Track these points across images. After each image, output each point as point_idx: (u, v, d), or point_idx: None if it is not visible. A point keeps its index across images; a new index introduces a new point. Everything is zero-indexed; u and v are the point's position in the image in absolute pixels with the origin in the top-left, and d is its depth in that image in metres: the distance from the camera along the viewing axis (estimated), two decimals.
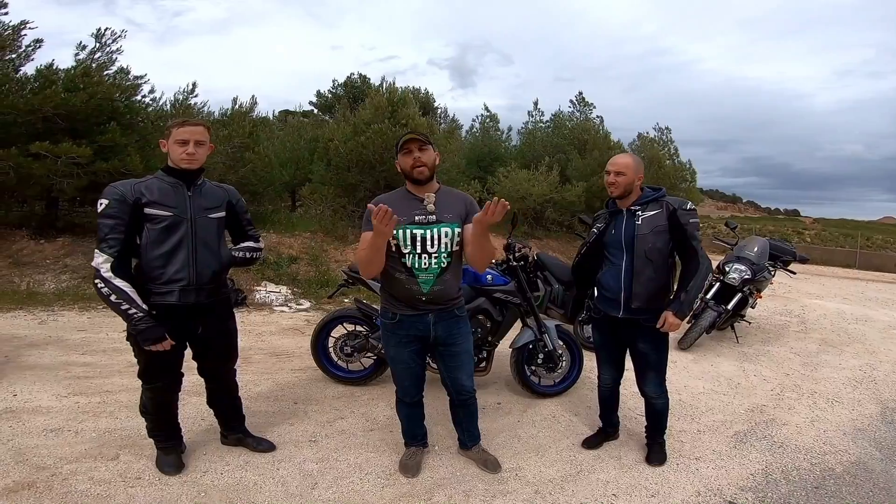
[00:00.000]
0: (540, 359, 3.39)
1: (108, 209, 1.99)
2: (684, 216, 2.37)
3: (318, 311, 5.87)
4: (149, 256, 2.07)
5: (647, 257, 2.40)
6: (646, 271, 2.40)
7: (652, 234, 2.39)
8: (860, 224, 46.49)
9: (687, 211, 2.39)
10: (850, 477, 2.65)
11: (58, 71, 6.43)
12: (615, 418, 2.89)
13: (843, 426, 3.30)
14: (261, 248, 2.47)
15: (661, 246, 2.39)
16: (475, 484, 2.39)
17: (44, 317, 4.89)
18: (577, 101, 13.54)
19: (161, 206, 2.07)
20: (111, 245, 1.98)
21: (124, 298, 1.98)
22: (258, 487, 2.26)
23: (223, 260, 2.26)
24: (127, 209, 2.01)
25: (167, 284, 2.09)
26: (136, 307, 2.00)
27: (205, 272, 2.16)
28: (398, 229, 2.11)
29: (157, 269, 2.08)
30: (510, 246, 3.44)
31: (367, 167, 8.05)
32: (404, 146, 2.18)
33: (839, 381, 4.21)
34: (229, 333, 2.40)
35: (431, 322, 2.24)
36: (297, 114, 15.43)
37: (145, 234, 2.07)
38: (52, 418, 2.80)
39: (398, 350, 2.30)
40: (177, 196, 2.11)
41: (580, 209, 10.51)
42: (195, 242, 2.13)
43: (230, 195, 2.33)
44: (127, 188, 2.04)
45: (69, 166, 6.05)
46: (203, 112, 8.80)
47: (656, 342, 2.51)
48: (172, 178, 2.14)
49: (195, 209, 2.14)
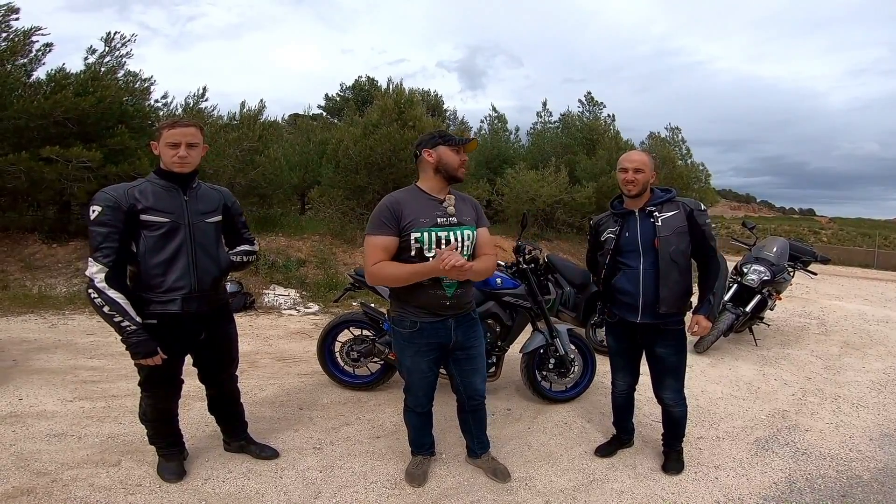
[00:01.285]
0: (551, 364, 3.29)
1: (101, 216, 1.90)
2: (701, 217, 2.35)
3: (327, 314, 5.83)
4: (148, 264, 1.99)
5: (672, 260, 2.32)
6: (672, 274, 2.32)
7: (675, 235, 2.33)
8: (877, 223, 45.62)
9: (702, 212, 2.37)
10: (877, 484, 2.54)
11: (68, 75, 6.49)
12: (630, 425, 2.79)
13: (869, 431, 3.17)
14: (256, 251, 2.41)
15: (683, 248, 2.34)
16: (483, 494, 2.30)
17: (54, 320, 4.90)
18: (587, 101, 13.41)
19: (157, 212, 1.99)
20: (106, 254, 1.90)
21: (118, 310, 1.91)
22: (260, 496, 2.20)
23: (223, 265, 2.19)
24: (121, 216, 1.92)
25: (168, 293, 2.02)
26: (130, 320, 1.93)
27: (206, 279, 2.10)
28: (422, 232, 2.03)
29: (157, 278, 2.00)
30: (520, 248, 3.36)
31: (375, 169, 8.03)
32: (462, 145, 2.11)
33: (863, 384, 4.07)
34: (230, 338, 2.35)
35: (452, 327, 2.17)
36: (306, 117, 15.50)
37: (142, 242, 1.99)
38: (55, 423, 2.77)
39: (416, 359, 2.19)
40: (173, 201, 2.04)
41: (591, 210, 10.39)
42: (194, 248, 2.06)
43: (225, 197, 2.25)
44: (120, 194, 1.95)
45: (80, 170, 6.10)
46: (213, 116, 8.86)
47: (678, 346, 2.44)
48: (166, 181, 2.05)
49: (192, 214, 2.07)
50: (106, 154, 6.23)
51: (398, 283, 2.06)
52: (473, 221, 2.16)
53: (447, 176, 2.11)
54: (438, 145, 2.09)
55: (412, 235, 2.03)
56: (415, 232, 2.03)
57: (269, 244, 7.27)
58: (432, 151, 2.10)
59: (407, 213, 2.04)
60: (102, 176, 6.25)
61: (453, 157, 2.09)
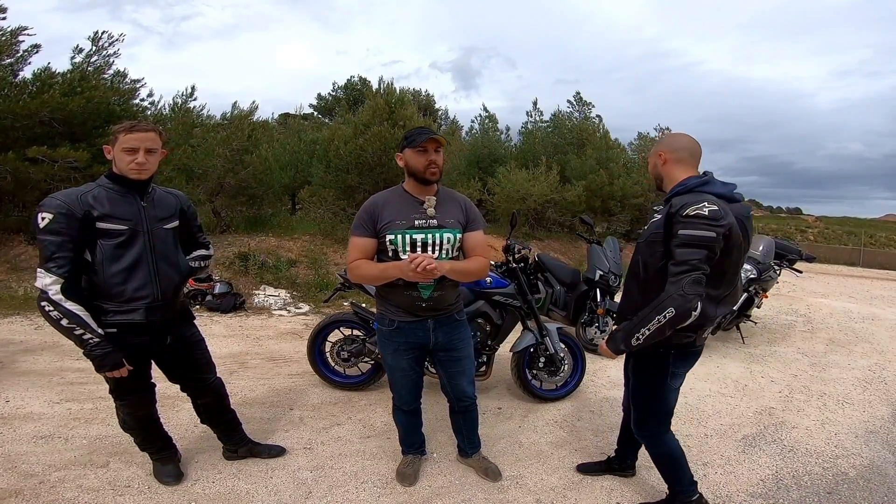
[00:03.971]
0: (541, 362, 3.31)
1: (52, 224, 1.78)
2: (679, 224, 1.76)
3: (318, 314, 5.81)
4: (106, 273, 1.89)
5: (633, 271, 2.01)
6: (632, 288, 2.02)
7: (646, 244, 1.92)
8: (863, 222, 46.23)
9: (684, 219, 1.74)
10: (863, 481, 2.57)
11: (55, 75, 6.41)
12: (631, 458, 2.48)
13: (854, 428, 3.22)
14: (211, 255, 2.35)
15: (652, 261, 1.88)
16: (474, 493, 2.31)
17: (40, 322, 4.83)
18: (576, 101, 13.48)
19: (115, 219, 1.89)
20: (60, 265, 1.79)
21: (77, 323, 1.81)
22: (250, 496, 2.20)
23: (183, 272, 2.12)
24: (75, 224, 1.81)
25: (130, 302, 1.93)
26: (91, 332, 1.84)
27: (168, 287, 2.03)
28: (396, 234, 2.03)
29: (117, 287, 1.91)
30: (510, 247, 3.37)
31: (366, 169, 8.01)
32: (421, 144, 2.02)
33: (849, 381, 4.13)
34: (196, 338, 2.27)
35: (431, 328, 2.16)
36: (296, 116, 15.42)
37: (99, 251, 1.88)
38: (43, 425, 2.74)
39: (396, 357, 2.20)
40: (130, 207, 1.93)
41: (581, 209, 10.44)
42: (155, 257, 1.98)
43: (182, 202, 2.17)
44: (72, 200, 1.83)
45: (67, 170, 6.03)
46: (202, 115, 8.79)
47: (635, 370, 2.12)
48: (121, 186, 1.94)
49: (150, 220, 1.98)
50: (93, 154, 6.16)
51: (371, 282, 2.10)
52: (459, 224, 2.12)
53: (417, 178, 2.07)
54: (405, 148, 2.07)
55: (387, 237, 2.03)
56: (389, 234, 2.03)
57: (259, 244, 7.23)
58: (401, 155, 2.09)
59: (385, 216, 2.05)
60: (89, 176, 6.17)
61: (418, 158, 2.04)
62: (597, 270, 4.59)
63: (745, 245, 1.87)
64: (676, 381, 2.03)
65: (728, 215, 1.75)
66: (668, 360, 1.95)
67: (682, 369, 2.02)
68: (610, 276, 4.57)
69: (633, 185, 11.19)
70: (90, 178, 6.05)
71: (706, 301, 1.77)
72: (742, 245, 1.85)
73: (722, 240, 1.73)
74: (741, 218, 1.84)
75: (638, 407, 2.12)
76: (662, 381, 2.00)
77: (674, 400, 2.07)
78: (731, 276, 1.88)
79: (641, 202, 11.34)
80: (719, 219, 1.71)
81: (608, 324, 4.56)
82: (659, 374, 1.99)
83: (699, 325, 1.83)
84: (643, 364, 2.04)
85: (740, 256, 1.87)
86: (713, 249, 1.72)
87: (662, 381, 2.00)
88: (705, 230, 1.70)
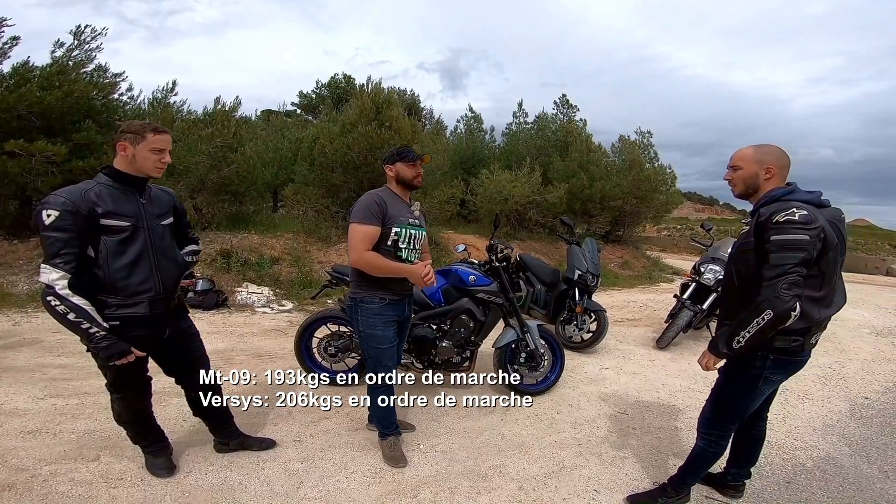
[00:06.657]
0: (522, 358, 3.44)
1: (58, 221, 1.82)
2: (771, 230, 1.80)
3: (301, 312, 5.84)
4: (111, 269, 1.95)
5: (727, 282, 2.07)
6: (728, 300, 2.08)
7: (738, 253, 1.97)
8: None
9: (775, 225, 1.78)
10: (820, 472, 2.73)
11: (33, 69, 6.29)
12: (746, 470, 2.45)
13: (813, 422, 3.39)
14: (200, 251, 2.46)
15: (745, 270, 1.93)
16: (460, 481, 2.42)
17: (18, 318, 4.78)
18: (561, 103, 13.66)
19: (119, 216, 1.94)
20: (67, 261, 1.83)
21: (84, 317, 1.86)
22: (243, 487, 2.26)
23: (181, 266, 2.20)
24: (81, 221, 1.85)
25: (134, 296, 1.99)
26: (97, 325, 1.89)
27: (169, 280, 2.10)
28: (401, 227, 2.40)
29: (122, 281, 1.97)
30: (493, 247, 3.48)
31: (351, 168, 8.02)
32: (415, 160, 2.45)
33: (809, 378, 4.32)
34: (193, 331, 2.35)
35: (406, 304, 2.60)
36: (279, 113, 15.29)
37: (103, 247, 1.93)
38: (29, 420, 2.75)
39: (386, 329, 2.48)
40: (131, 204, 1.99)
41: (562, 210, 10.63)
42: (155, 252, 2.05)
43: (174, 199, 2.25)
44: (76, 197, 1.86)
45: (44, 165, 5.93)
46: (183, 111, 8.69)
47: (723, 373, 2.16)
48: (122, 184, 1.99)
49: (149, 217, 2.04)
50: (71, 149, 6.07)
51: (378, 273, 2.37)
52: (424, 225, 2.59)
53: (406, 185, 2.49)
54: (396, 162, 2.45)
55: (393, 229, 2.38)
56: (396, 227, 2.39)
57: (242, 242, 7.20)
58: (392, 167, 2.47)
59: (390, 210, 2.39)
60: (67, 170, 6.10)
61: (408, 170, 2.46)
62: (576, 270, 4.73)
63: (841, 246, 1.90)
64: (768, 386, 2.05)
65: (819, 218, 1.78)
66: (765, 363, 1.96)
67: (778, 376, 2.02)
68: (588, 276, 4.70)
69: (613, 187, 11.41)
70: (68, 172, 6.03)
71: (808, 303, 1.82)
72: (838, 246, 1.87)
73: (818, 242, 1.76)
74: (834, 221, 1.87)
75: (716, 405, 2.17)
76: (754, 384, 2.01)
77: (756, 406, 2.12)
78: (830, 276, 1.89)
79: (621, 205, 11.57)
80: (810, 222, 1.74)
81: (586, 322, 4.70)
82: (752, 377, 2.00)
83: (805, 328, 1.89)
84: (739, 364, 2.04)
85: (837, 257, 1.88)
86: (809, 252, 1.75)
87: (754, 384, 2.01)
88: (798, 234, 1.74)
